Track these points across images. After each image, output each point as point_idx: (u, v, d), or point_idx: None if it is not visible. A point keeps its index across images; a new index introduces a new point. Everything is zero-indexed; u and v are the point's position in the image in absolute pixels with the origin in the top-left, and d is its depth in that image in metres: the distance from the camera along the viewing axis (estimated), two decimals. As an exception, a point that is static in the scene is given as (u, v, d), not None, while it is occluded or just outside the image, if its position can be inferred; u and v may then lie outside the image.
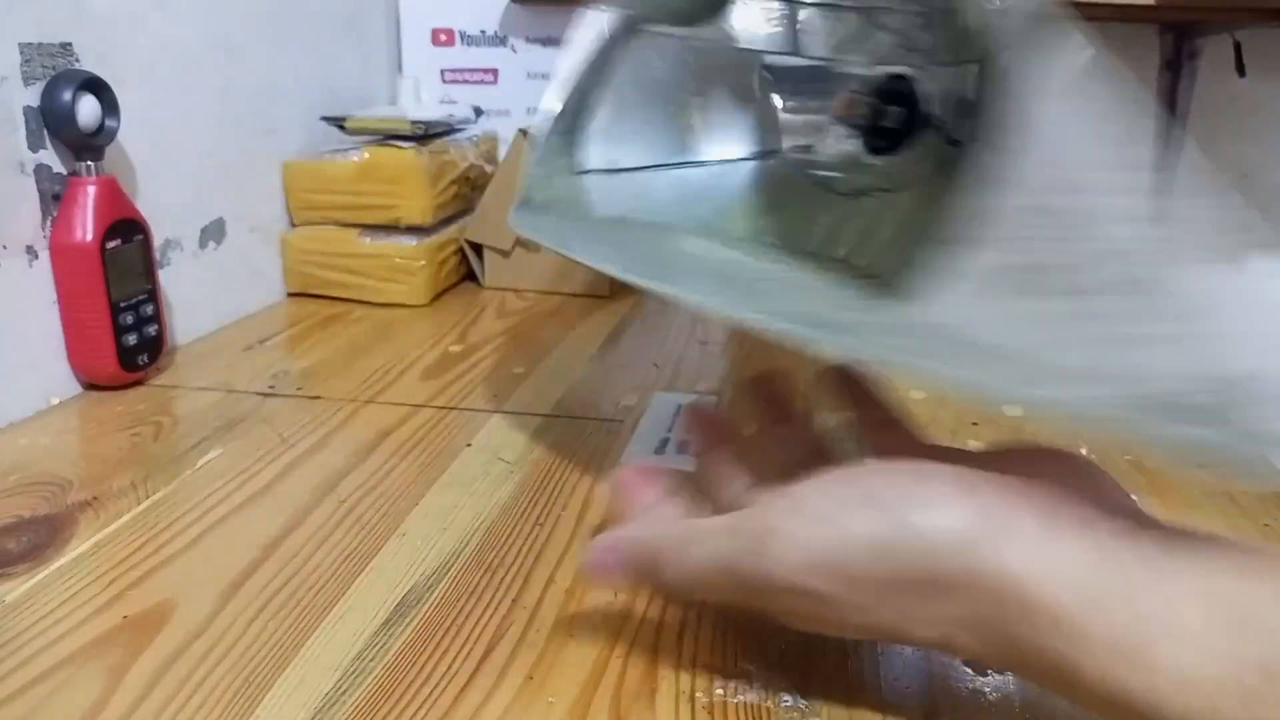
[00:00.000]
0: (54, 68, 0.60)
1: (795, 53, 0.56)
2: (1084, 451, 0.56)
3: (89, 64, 0.63)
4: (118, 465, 0.53)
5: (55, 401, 0.62)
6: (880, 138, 0.56)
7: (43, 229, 0.61)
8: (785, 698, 0.35)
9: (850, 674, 0.37)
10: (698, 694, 0.35)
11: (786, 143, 0.59)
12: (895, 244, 0.53)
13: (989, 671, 0.37)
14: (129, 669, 0.36)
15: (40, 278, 0.61)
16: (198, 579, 0.42)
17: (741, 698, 0.35)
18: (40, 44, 0.59)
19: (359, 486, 0.51)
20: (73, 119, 0.60)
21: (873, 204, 0.57)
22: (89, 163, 0.61)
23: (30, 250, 0.60)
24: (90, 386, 0.64)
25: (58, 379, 0.63)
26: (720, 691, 0.36)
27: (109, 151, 0.63)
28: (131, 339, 0.64)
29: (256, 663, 0.37)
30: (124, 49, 0.66)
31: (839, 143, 0.58)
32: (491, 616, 0.40)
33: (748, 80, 0.58)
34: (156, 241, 0.68)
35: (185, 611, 0.40)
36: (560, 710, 0.34)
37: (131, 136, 0.65)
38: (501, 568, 0.44)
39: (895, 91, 0.55)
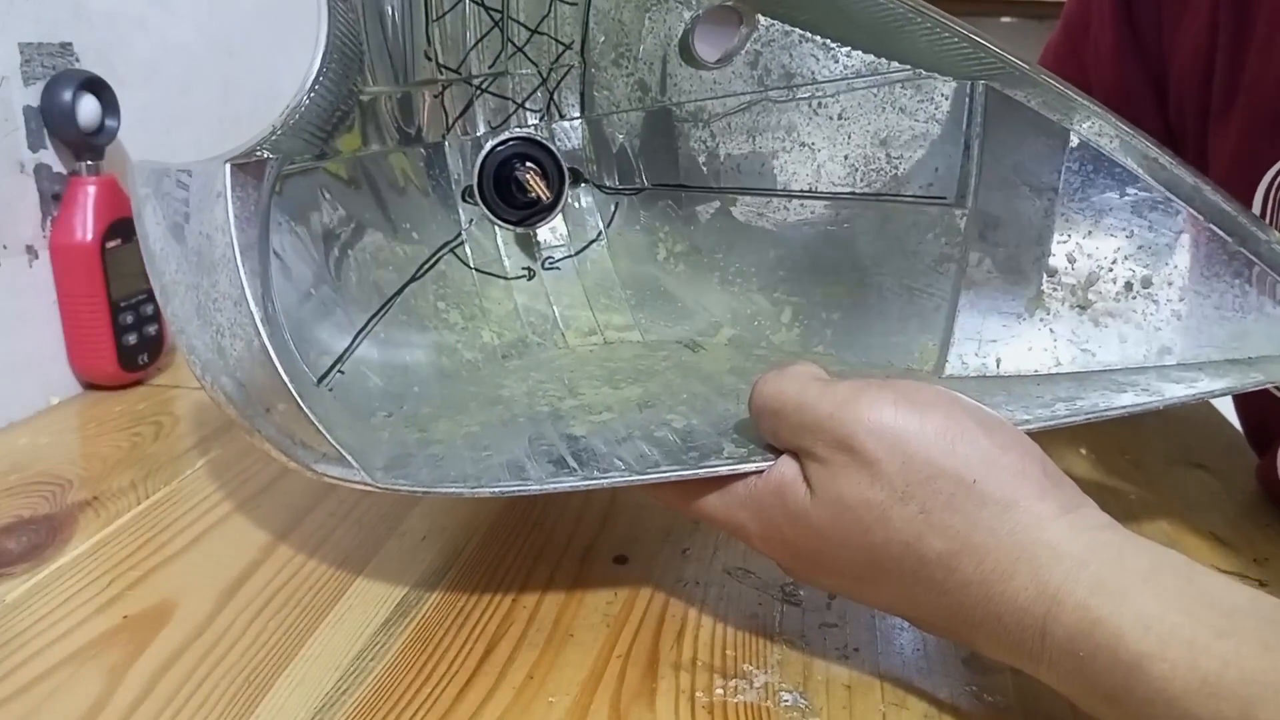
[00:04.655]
0: (54, 68, 0.60)
1: (418, 140, 0.54)
2: (1083, 452, 0.56)
3: (89, 64, 0.63)
4: (118, 465, 0.53)
5: (55, 401, 0.62)
6: (524, 207, 0.56)
7: (43, 229, 0.61)
8: (785, 698, 0.35)
9: (850, 674, 0.37)
10: (698, 694, 0.35)
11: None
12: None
13: (990, 671, 0.37)
14: (129, 669, 0.36)
15: (40, 278, 0.61)
16: (198, 579, 0.42)
17: (741, 698, 0.35)
18: (40, 44, 0.59)
19: (359, 486, 0.51)
20: (73, 119, 0.60)
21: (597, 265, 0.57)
22: (89, 162, 0.61)
23: (30, 250, 0.60)
24: (90, 386, 0.64)
25: (58, 379, 0.63)
26: (720, 691, 0.36)
27: (109, 151, 0.63)
28: (131, 339, 0.64)
29: (256, 663, 0.37)
30: (124, 49, 0.66)
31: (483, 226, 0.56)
32: (491, 616, 0.40)
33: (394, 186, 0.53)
34: (156, 241, 0.68)
35: (185, 611, 0.40)
36: (560, 710, 0.34)
37: (131, 136, 0.65)
38: (501, 568, 0.44)
39: (529, 155, 0.56)
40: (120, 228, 0.62)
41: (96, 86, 0.61)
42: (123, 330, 0.63)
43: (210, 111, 0.75)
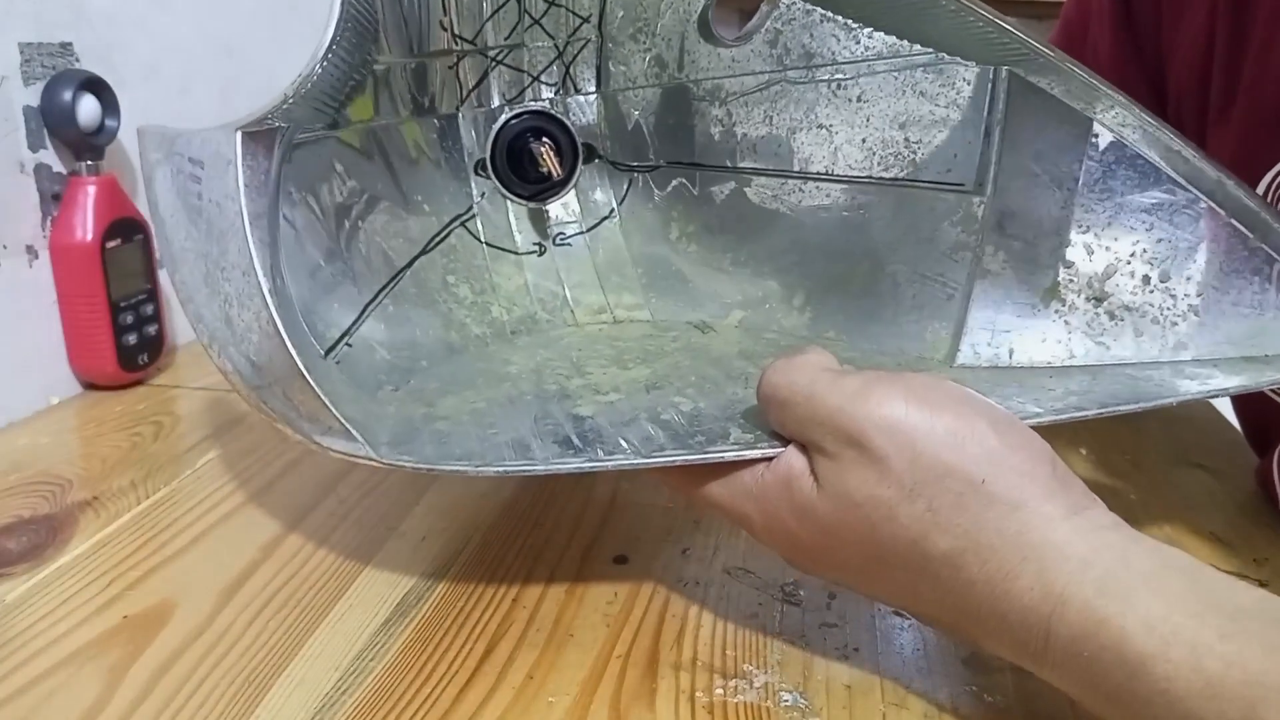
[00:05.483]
0: (54, 68, 0.60)
1: (431, 111, 0.53)
2: (1083, 452, 0.56)
3: (89, 64, 0.63)
4: (118, 465, 0.53)
5: (55, 401, 0.62)
6: (537, 181, 0.56)
7: (43, 229, 0.61)
8: (785, 698, 0.35)
9: (850, 674, 0.37)
10: (698, 694, 0.35)
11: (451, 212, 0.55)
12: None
13: (990, 671, 0.37)
14: (129, 669, 0.36)
15: (40, 278, 0.61)
16: (198, 579, 0.42)
17: (741, 698, 0.35)
18: (40, 44, 0.59)
19: (358, 486, 0.51)
20: (73, 119, 0.60)
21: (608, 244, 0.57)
22: (89, 162, 0.61)
23: (30, 250, 0.60)
24: (90, 386, 0.64)
25: (58, 379, 0.63)
26: (720, 691, 0.36)
27: (109, 151, 0.63)
28: (131, 339, 0.64)
29: (256, 663, 0.37)
30: (124, 49, 0.66)
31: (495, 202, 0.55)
32: (491, 616, 0.40)
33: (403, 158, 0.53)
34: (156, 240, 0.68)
35: (185, 611, 0.40)
36: (560, 710, 0.34)
37: (132, 136, 0.65)
38: (501, 568, 0.44)
39: (543, 129, 0.55)
40: (120, 227, 0.62)
41: (96, 86, 0.61)
42: (123, 330, 0.63)
43: (210, 111, 0.75)
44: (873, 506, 0.32)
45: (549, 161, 0.54)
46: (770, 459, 0.36)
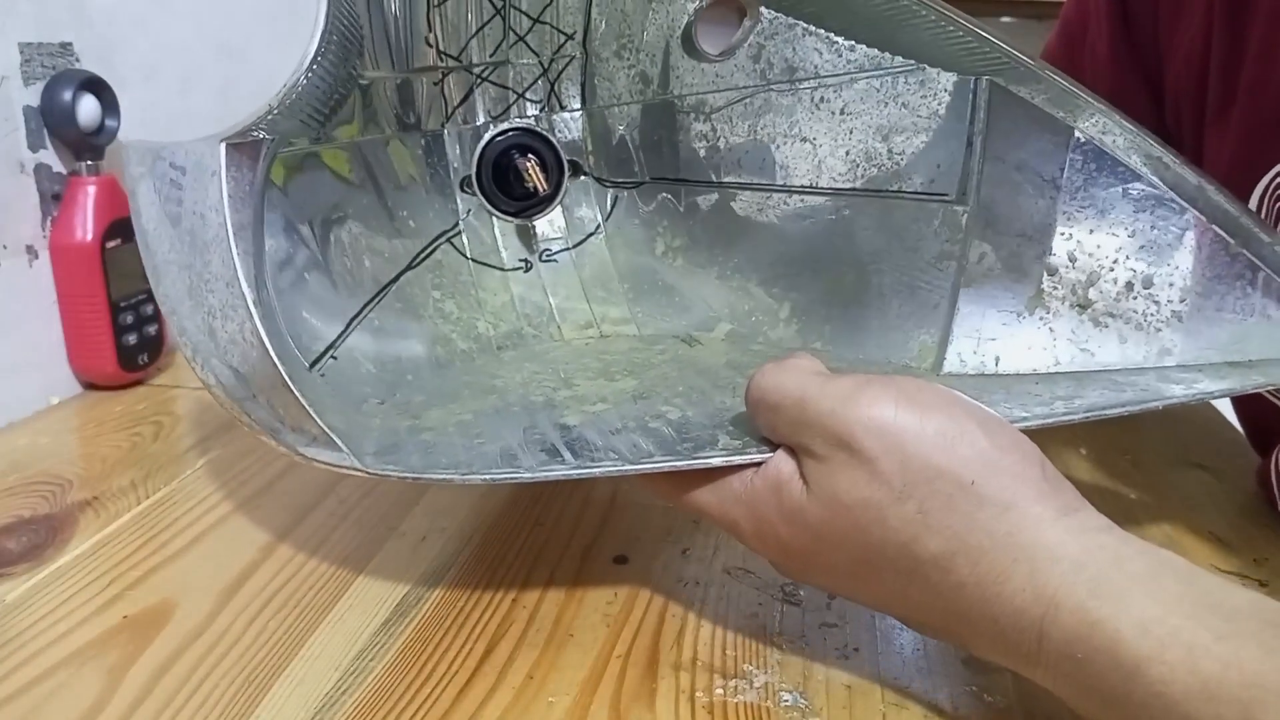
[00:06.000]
0: (54, 68, 0.60)
1: (417, 127, 0.53)
2: (1083, 452, 0.56)
3: (89, 64, 0.63)
4: (117, 465, 0.53)
5: (55, 401, 0.62)
6: (523, 198, 0.56)
7: (43, 229, 0.61)
8: (785, 698, 0.35)
9: (850, 674, 0.37)
10: (698, 694, 0.35)
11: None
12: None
13: (990, 671, 0.37)
14: (129, 669, 0.36)
15: (40, 278, 0.61)
16: (198, 579, 0.42)
17: (741, 698, 0.35)
18: (40, 44, 0.59)
19: (358, 487, 0.51)
20: (73, 119, 0.60)
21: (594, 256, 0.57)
22: (89, 162, 0.61)
23: (30, 250, 0.60)
24: (90, 386, 0.64)
25: (58, 379, 0.63)
26: (720, 691, 0.36)
27: (109, 151, 0.63)
28: (131, 339, 0.64)
29: (256, 663, 0.37)
30: (124, 49, 0.66)
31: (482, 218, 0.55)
32: (491, 616, 0.40)
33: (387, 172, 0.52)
34: (156, 241, 0.68)
35: (185, 611, 0.40)
36: (560, 710, 0.34)
37: (131, 136, 0.65)
38: (501, 567, 0.44)
39: (529, 146, 0.55)
40: (120, 228, 0.62)
41: (96, 86, 0.61)
42: (123, 330, 0.63)
43: (210, 111, 0.75)
44: (862, 509, 0.32)
45: (534, 177, 0.54)
46: (759, 464, 0.36)
